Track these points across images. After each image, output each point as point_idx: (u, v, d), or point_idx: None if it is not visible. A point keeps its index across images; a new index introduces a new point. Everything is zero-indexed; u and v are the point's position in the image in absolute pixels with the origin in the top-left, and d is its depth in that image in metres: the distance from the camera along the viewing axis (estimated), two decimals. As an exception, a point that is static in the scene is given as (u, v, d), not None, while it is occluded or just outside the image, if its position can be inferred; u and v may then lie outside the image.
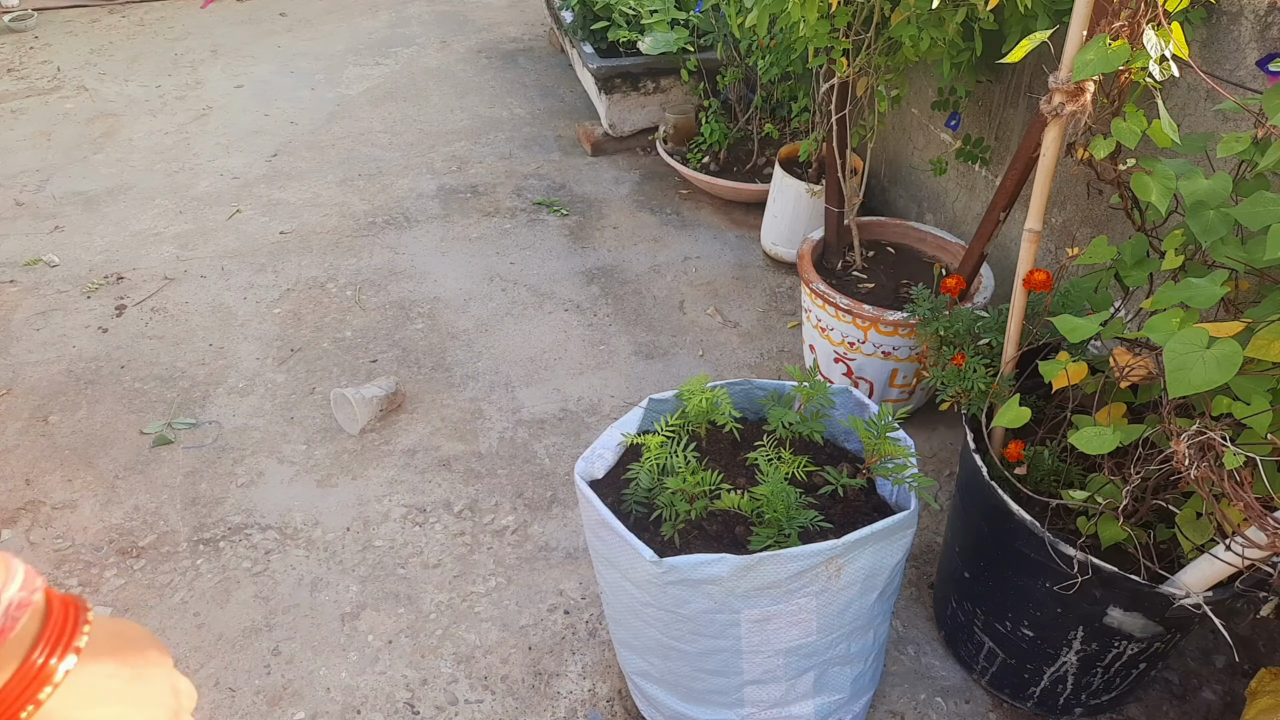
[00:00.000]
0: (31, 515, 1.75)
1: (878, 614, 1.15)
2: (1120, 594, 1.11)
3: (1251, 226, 0.94)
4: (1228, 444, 0.86)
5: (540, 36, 4.21)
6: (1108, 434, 1.05)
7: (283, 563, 1.66)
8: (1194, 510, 1.06)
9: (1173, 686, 1.43)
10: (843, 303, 1.74)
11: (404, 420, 1.99)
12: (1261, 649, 1.47)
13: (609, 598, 1.20)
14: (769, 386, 1.30)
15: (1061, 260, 1.80)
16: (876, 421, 1.16)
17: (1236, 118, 1.33)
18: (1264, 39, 1.27)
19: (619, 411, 2.02)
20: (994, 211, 1.51)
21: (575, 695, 1.43)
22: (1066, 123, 1.07)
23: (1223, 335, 0.87)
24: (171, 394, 2.07)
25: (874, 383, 1.86)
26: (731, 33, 2.55)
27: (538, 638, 1.52)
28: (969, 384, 1.29)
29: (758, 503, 1.07)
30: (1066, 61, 1.03)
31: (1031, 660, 1.29)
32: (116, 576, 1.62)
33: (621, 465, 1.24)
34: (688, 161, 2.81)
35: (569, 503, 1.78)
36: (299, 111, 3.47)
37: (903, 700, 1.41)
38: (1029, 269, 1.20)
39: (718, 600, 1.02)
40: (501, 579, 1.62)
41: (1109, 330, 1.14)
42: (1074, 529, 1.20)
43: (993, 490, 1.19)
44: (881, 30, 1.63)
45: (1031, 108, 1.81)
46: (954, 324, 1.40)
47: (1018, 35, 1.54)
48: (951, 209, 2.21)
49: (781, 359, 2.17)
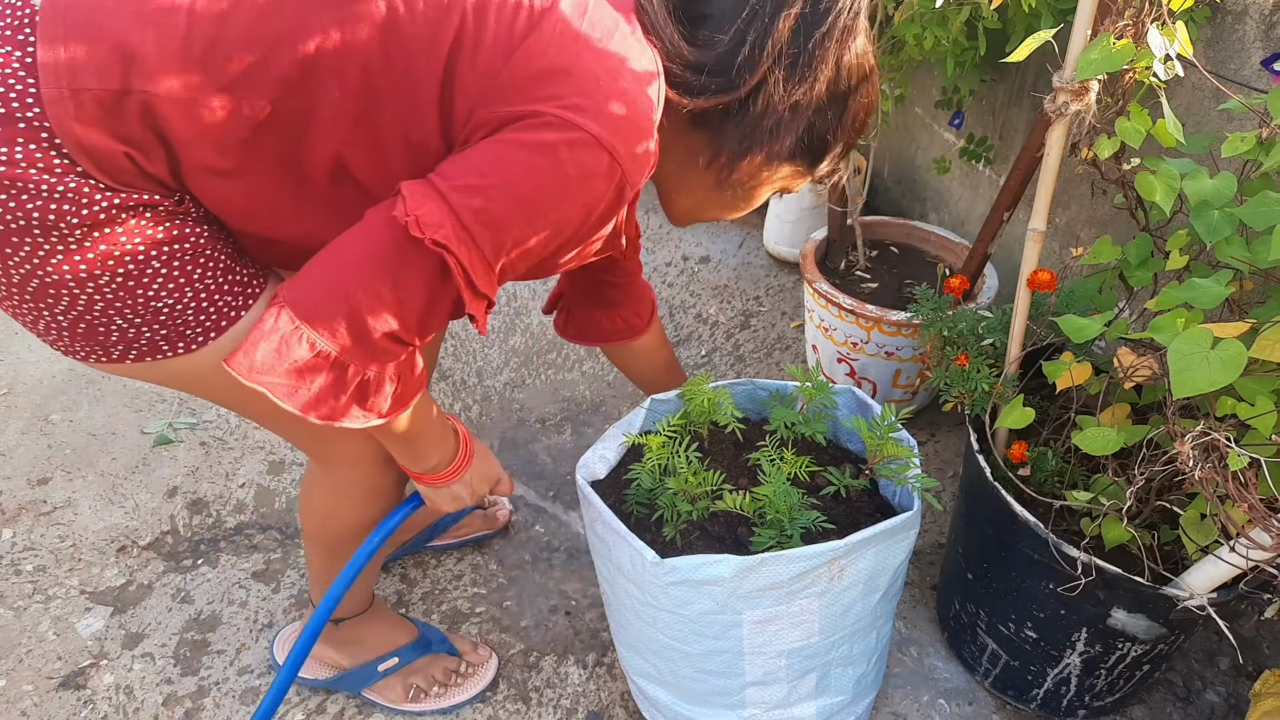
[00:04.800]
0: (33, 514, 1.75)
1: (880, 615, 1.15)
2: (1124, 596, 1.10)
3: (1256, 226, 0.93)
4: (1232, 445, 0.86)
5: (542, 36, 4.21)
6: (1112, 435, 1.04)
7: (284, 563, 1.66)
8: (1198, 512, 1.05)
9: (1176, 688, 1.42)
10: (846, 303, 1.74)
11: (406, 420, 1.99)
12: (1266, 651, 1.47)
13: (610, 598, 1.20)
14: (771, 386, 1.30)
15: (1066, 260, 1.80)
16: (879, 422, 1.16)
17: (1241, 117, 1.32)
18: (1269, 38, 1.27)
19: (620, 411, 2.02)
20: (998, 211, 1.51)
21: (576, 696, 1.43)
22: (1071, 122, 1.07)
23: (1227, 336, 0.86)
24: (172, 393, 2.07)
25: (877, 383, 1.85)
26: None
27: (539, 638, 1.52)
28: (972, 384, 1.29)
29: (760, 503, 1.07)
30: (1070, 61, 1.03)
31: (1035, 662, 1.29)
32: (117, 576, 1.62)
33: (623, 465, 1.23)
34: (690, 161, 2.80)
35: (571, 503, 1.78)
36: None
37: (905, 702, 1.41)
38: (1033, 269, 1.20)
39: (719, 601, 1.02)
40: (503, 579, 1.62)
41: (1113, 331, 1.14)
42: (1078, 530, 1.19)
43: (996, 491, 1.19)
44: (885, 29, 1.62)
45: (1035, 107, 1.80)
46: (957, 324, 1.40)
47: (1021, 34, 1.54)
48: (955, 209, 2.20)
49: (784, 359, 2.17)
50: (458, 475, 1.08)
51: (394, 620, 1.41)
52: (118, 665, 1.47)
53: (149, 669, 1.47)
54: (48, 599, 1.58)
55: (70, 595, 1.59)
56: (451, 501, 1.11)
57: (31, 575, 1.63)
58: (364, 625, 1.35)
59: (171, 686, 1.44)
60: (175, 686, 1.44)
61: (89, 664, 1.48)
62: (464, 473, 1.09)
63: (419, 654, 1.38)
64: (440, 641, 1.40)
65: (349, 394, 0.82)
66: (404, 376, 0.87)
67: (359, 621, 1.35)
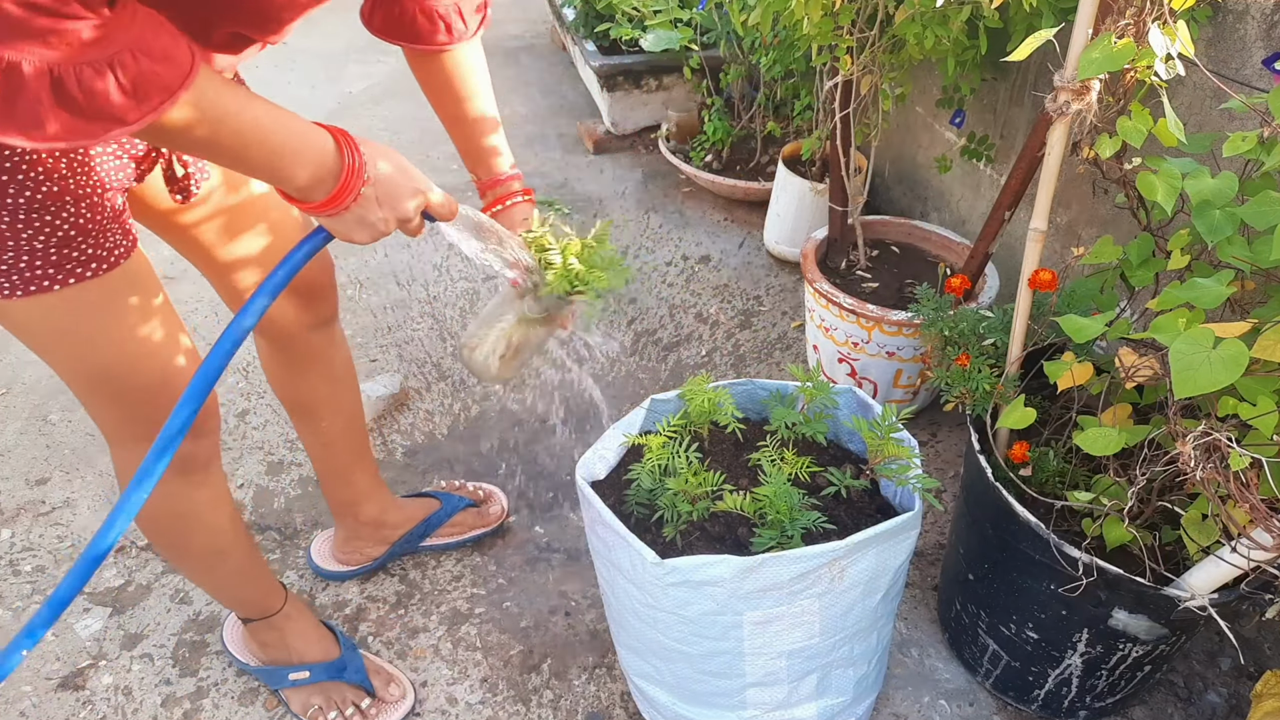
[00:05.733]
0: (31, 515, 1.75)
1: (881, 616, 1.14)
2: (1125, 596, 1.10)
3: (1258, 226, 0.93)
4: (1234, 445, 0.86)
5: (542, 34, 4.20)
6: (1113, 435, 1.04)
7: (283, 564, 1.65)
8: (1199, 512, 1.05)
9: (1178, 689, 1.42)
10: (847, 302, 1.74)
11: (406, 419, 1.98)
12: (1267, 651, 1.47)
13: (610, 599, 1.20)
14: (772, 387, 1.29)
15: (1067, 260, 1.79)
16: (880, 422, 1.15)
17: (1243, 117, 1.32)
18: (1270, 38, 1.27)
19: (620, 411, 2.01)
20: (999, 210, 1.51)
21: (576, 697, 1.42)
22: (1072, 121, 1.07)
23: (1229, 336, 0.86)
24: (173, 393, 2.06)
25: (878, 383, 1.85)
26: (735, 30, 2.54)
27: (538, 639, 1.51)
28: (973, 385, 1.28)
29: (760, 504, 1.07)
30: (1072, 60, 1.03)
31: (1036, 663, 1.28)
32: (116, 577, 1.62)
33: (623, 466, 1.23)
34: (690, 160, 2.80)
35: (571, 503, 1.78)
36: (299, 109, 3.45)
37: (906, 703, 1.40)
38: (1034, 269, 1.19)
39: (720, 602, 1.02)
40: (503, 580, 1.62)
41: (1114, 330, 1.13)
42: (1079, 531, 1.19)
43: (997, 491, 1.19)
44: (885, 28, 1.62)
45: (1036, 106, 1.80)
46: (958, 324, 1.40)
47: (1023, 33, 1.53)
48: (956, 208, 2.20)
49: (785, 359, 2.17)
50: (349, 195, 0.87)
51: (316, 632, 1.40)
52: (116, 666, 1.47)
53: (148, 669, 1.47)
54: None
55: (69, 596, 1.59)
56: (360, 229, 0.90)
57: (30, 575, 1.63)
58: (277, 628, 1.36)
59: (170, 687, 1.44)
60: (174, 687, 1.44)
61: (88, 664, 1.47)
62: (356, 191, 0.87)
63: (329, 676, 1.37)
64: (356, 671, 1.39)
65: (45, 97, 0.65)
66: (125, 60, 0.67)
67: (269, 624, 1.35)
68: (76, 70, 0.65)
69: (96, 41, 0.64)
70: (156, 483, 0.89)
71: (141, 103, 0.69)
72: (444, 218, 0.98)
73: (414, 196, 0.93)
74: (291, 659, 1.37)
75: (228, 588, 1.32)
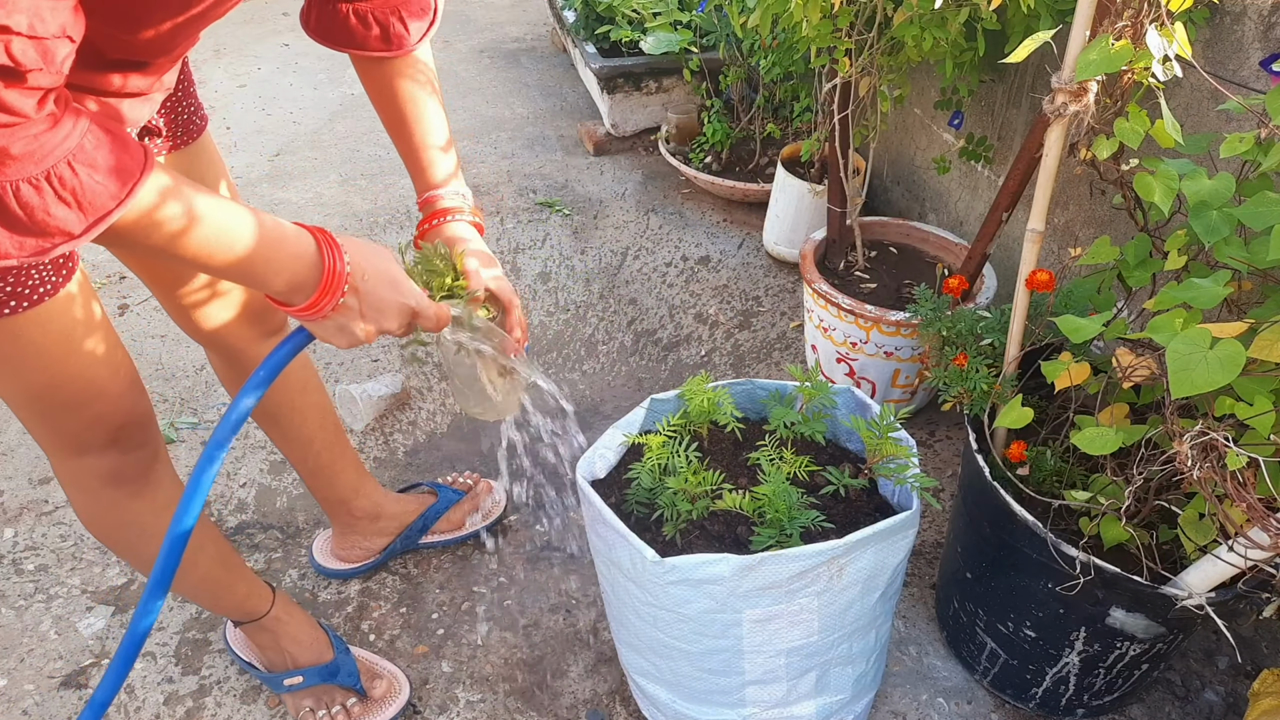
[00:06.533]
0: (34, 514, 1.75)
1: (879, 614, 1.15)
2: (1123, 595, 1.11)
3: (1255, 227, 0.93)
4: (1230, 445, 0.86)
5: (542, 36, 4.21)
6: (1110, 435, 1.05)
7: (285, 563, 1.66)
8: (1196, 511, 1.06)
9: (1175, 687, 1.43)
10: (845, 303, 1.74)
11: (406, 419, 1.99)
12: (1265, 650, 1.47)
13: (610, 597, 1.20)
14: (771, 386, 1.30)
15: (1064, 261, 1.80)
16: (878, 422, 1.16)
17: (1240, 118, 1.33)
18: (1267, 39, 1.27)
19: (620, 411, 2.02)
20: (996, 211, 1.51)
21: (576, 695, 1.43)
22: (1069, 123, 1.07)
23: (1226, 336, 0.86)
24: (174, 393, 2.07)
25: (876, 383, 1.86)
26: (734, 32, 2.55)
27: (539, 637, 1.52)
28: (971, 384, 1.29)
29: (759, 503, 1.07)
30: (1069, 61, 1.03)
31: (1034, 661, 1.29)
32: (119, 575, 1.62)
33: (623, 465, 1.24)
34: (690, 161, 2.81)
35: (571, 503, 1.78)
36: (301, 110, 3.48)
37: (904, 701, 1.41)
38: (1031, 269, 1.20)
39: (719, 600, 1.02)
40: (503, 578, 1.63)
41: (1111, 331, 1.14)
42: (1076, 530, 1.20)
43: (995, 491, 1.19)
44: (884, 30, 1.62)
45: (1034, 107, 1.80)
46: (956, 324, 1.40)
47: (1020, 35, 1.54)
48: (954, 209, 2.21)
49: (784, 359, 2.17)
50: (327, 302, 0.84)
51: (310, 635, 1.40)
52: (119, 664, 1.48)
53: (150, 668, 1.47)
54: (49, 598, 1.59)
55: (72, 594, 1.59)
56: (339, 336, 0.88)
57: (33, 574, 1.63)
58: (269, 630, 1.36)
59: (173, 685, 1.45)
60: (176, 685, 1.44)
61: (90, 663, 1.48)
62: (335, 299, 0.84)
63: (322, 680, 1.38)
64: (349, 675, 1.39)
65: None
66: (62, 172, 0.64)
67: (260, 626, 1.36)
68: (13, 186, 0.63)
69: (29, 155, 0.62)
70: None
71: (88, 214, 0.66)
72: (432, 330, 0.97)
73: (399, 315, 0.91)
74: (285, 661, 1.38)
75: (202, 594, 1.32)
